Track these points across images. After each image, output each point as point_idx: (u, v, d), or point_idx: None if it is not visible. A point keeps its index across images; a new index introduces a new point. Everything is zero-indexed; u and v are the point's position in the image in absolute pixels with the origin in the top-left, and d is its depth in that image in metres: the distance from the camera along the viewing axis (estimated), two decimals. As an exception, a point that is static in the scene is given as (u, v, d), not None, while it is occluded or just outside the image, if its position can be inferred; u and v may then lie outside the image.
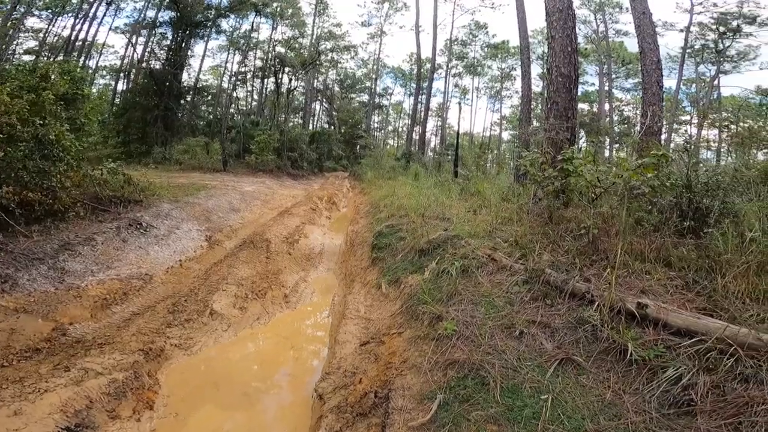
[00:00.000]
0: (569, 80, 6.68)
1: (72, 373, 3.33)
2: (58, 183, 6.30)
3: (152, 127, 18.73)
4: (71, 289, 4.65)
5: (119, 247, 6.12)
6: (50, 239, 5.57)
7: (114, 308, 4.64)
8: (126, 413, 3.17)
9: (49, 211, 6.13)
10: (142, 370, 3.58)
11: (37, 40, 25.04)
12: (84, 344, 3.82)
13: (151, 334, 4.22)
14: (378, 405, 3.13)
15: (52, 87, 6.82)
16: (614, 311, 3.00)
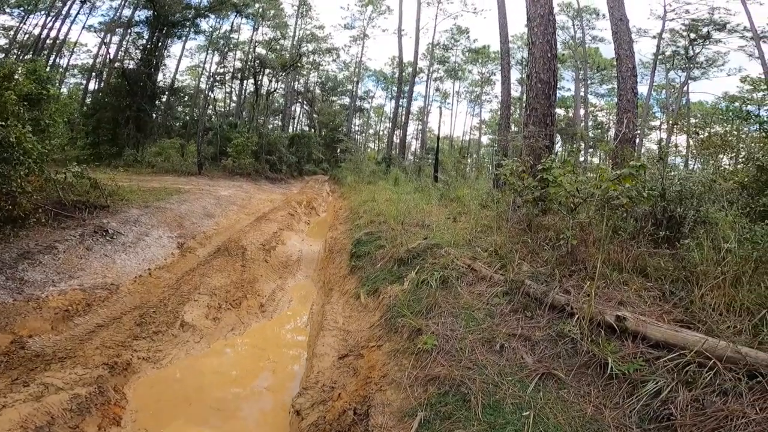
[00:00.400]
0: (548, 86, 6.80)
1: (31, 388, 3.16)
2: (18, 188, 5.95)
3: (124, 128, 18.12)
4: (30, 300, 4.39)
5: (83, 256, 5.82)
6: (9, 247, 5.25)
7: (77, 320, 4.40)
8: (91, 429, 3.00)
9: (8, 217, 5.79)
10: (107, 385, 3.40)
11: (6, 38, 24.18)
12: (44, 358, 3.63)
13: (116, 347, 4.02)
14: (357, 422, 3.05)
15: (15, 87, 6.54)
16: (594, 324, 3.02)
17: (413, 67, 29.45)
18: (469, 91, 45.71)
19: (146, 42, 20.83)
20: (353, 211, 12.04)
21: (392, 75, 42.94)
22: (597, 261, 3.41)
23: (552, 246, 4.49)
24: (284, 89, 34.30)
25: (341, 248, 8.54)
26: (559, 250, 4.21)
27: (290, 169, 25.20)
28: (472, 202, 8.91)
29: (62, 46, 24.79)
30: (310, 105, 39.59)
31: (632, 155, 6.65)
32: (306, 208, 15.15)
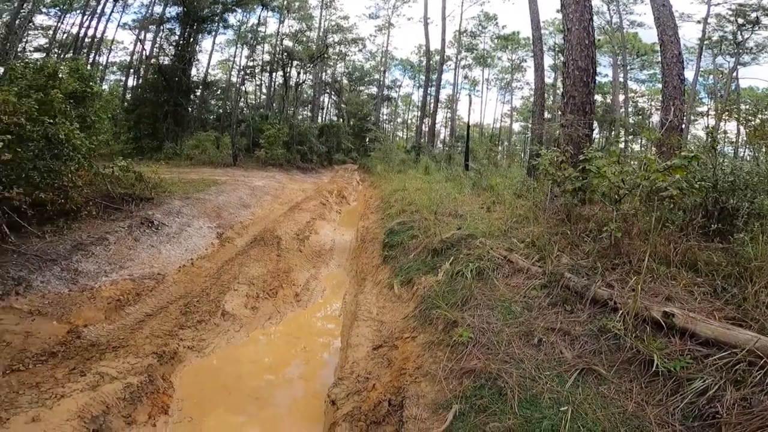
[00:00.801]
0: (587, 74, 6.59)
1: (88, 377, 3.40)
2: (70, 182, 6.41)
3: (162, 122, 18.90)
4: (85, 291, 4.77)
5: (131, 246, 6.25)
6: (63, 239, 5.70)
7: (127, 309, 4.75)
8: (142, 418, 3.24)
9: (61, 210, 6.26)
10: (156, 374, 3.66)
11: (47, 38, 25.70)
12: (99, 347, 3.91)
13: (164, 336, 4.31)
14: (392, 413, 3.15)
15: (60, 85, 6.93)
16: (639, 319, 2.95)
17: (440, 55, 29.15)
18: (499, 78, 44.95)
19: (178, 38, 21.51)
20: (384, 200, 12.12)
21: (419, 63, 43.03)
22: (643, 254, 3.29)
23: (593, 238, 4.36)
24: (312, 80, 34.77)
25: (373, 237, 8.66)
26: (602, 243, 4.09)
27: (320, 158, 25.58)
28: (506, 191, 8.75)
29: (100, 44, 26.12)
30: (338, 95, 40.02)
31: (680, 144, 6.30)
32: (337, 197, 15.40)
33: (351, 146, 31.93)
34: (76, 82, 7.77)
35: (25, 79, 7.12)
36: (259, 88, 36.54)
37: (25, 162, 5.81)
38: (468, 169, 15.12)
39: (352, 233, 10.48)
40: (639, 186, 3.85)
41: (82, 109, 7.88)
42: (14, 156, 5.49)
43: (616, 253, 3.89)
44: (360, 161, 29.79)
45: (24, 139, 5.88)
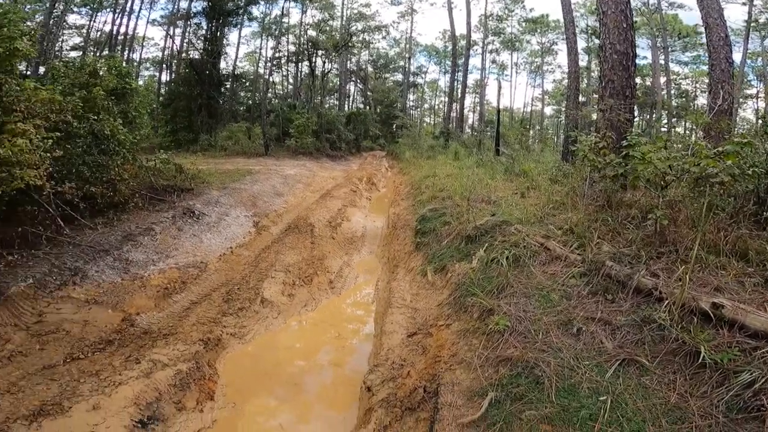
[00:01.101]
0: (626, 57, 6.38)
1: (142, 365, 3.68)
2: (117, 176, 6.86)
3: (197, 115, 19.73)
4: (136, 279, 5.14)
5: (176, 236, 6.63)
6: (113, 230, 6.13)
7: (174, 297, 5.08)
8: (190, 404, 3.49)
9: (110, 203, 6.72)
10: (202, 361, 3.92)
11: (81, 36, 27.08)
12: (151, 335, 4.22)
13: (209, 324, 4.60)
14: (427, 400, 3.24)
15: (101, 83, 7.25)
16: (686, 310, 2.87)
17: (466, 40, 28.78)
18: (529, 62, 43.73)
19: (206, 32, 22.22)
20: (414, 186, 12.12)
21: (444, 49, 42.58)
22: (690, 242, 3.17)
23: (636, 225, 4.21)
24: (338, 69, 35.16)
25: (404, 224, 8.72)
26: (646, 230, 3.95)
27: (348, 146, 26.01)
28: (541, 176, 8.55)
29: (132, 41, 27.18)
30: (364, 83, 40.39)
31: (729, 128, 5.92)
32: (366, 184, 15.54)
33: (378, 133, 32.22)
34: (115, 79, 8.09)
35: (67, 77, 7.47)
36: (286, 78, 37.29)
37: (75, 158, 6.24)
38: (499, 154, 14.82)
39: (382, 220, 10.59)
40: (687, 172, 3.67)
41: (123, 105, 8.22)
42: (65, 152, 5.88)
43: (661, 241, 3.76)
44: (388, 148, 30.01)
45: (72, 135, 6.27)
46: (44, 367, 3.57)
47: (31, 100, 5.46)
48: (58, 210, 5.71)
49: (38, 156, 5.08)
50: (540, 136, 35.25)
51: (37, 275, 4.55)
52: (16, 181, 4.84)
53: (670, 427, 2.21)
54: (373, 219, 10.82)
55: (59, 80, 7.48)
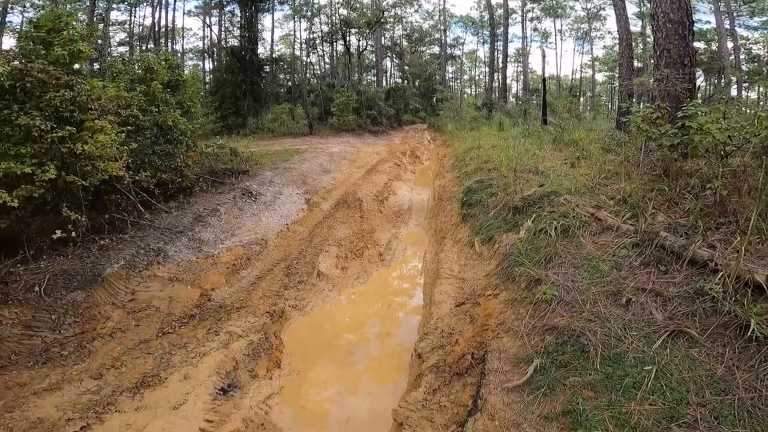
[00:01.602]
0: (681, 26, 5.87)
1: (221, 336, 4.12)
2: (183, 163, 7.51)
3: (243, 100, 20.44)
4: (208, 257, 5.73)
5: (238, 216, 7.21)
6: (185, 213, 6.79)
7: (242, 273, 5.63)
8: (262, 372, 3.89)
9: (179, 188, 7.42)
10: (270, 332, 4.35)
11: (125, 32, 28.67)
12: (225, 309, 4.71)
13: (273, 297, 5.07)
14: (474, 366, 3.45)
15: (158, 76, 7.73)
16: (741, 282, 2.80)
17: (504, 8, 27.29)
18: (574, 29, 40.38)
19: (240, 19, 22.66)
20: (458, 158, 11.98)
21: (481, 19, 40.86)
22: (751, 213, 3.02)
23: (695, 195, 4.01)
24: (373, 46, 34.78)
25: (450, 196, 8.77)
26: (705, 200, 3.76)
27: (390, 120, 26.12)
28: (592, 145, 8.13)
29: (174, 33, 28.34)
30: (400, 58, 39.84)
31: None
32: (410, 157, 15.54)
33: (419, 107, 31.98)
34: (168, 72, 8.45)
35: (127, 74, 8.03)
36: (322, 58, 37.54)
37: (146, 148, 6.87)
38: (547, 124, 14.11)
39: (428, 192, 10.67)
40: (748, 141, 3.41)
41: (178, 96, 8.72)
42: (138, 144, 6.51)
43: (721, 211, 3.58)
44: (429, 120, 29.64)
45: (140, 128, 6.87)
46: (140, 341, 4.05)
47: (101, 98, 6.02)
48: (137, 197, 6.42)
49: (117, 149, 5.71)
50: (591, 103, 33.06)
51: (127, 257, 5.14)
52: (100, 174, 5.49)
53: (713, 398, 2.24)
54: (418, 192, 10.94)
55: (119, 76, 8.05)
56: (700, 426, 2.08)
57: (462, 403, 3.25)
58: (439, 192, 9.71)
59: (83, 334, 4.06)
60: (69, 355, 3.83)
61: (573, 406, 2.51)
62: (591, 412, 2.40)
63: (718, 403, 2.21)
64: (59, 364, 3.73)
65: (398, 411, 3.40)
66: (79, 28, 6.57)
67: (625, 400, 2.38)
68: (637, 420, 2.20)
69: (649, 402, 2.30)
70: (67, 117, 5.34)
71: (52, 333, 3.98)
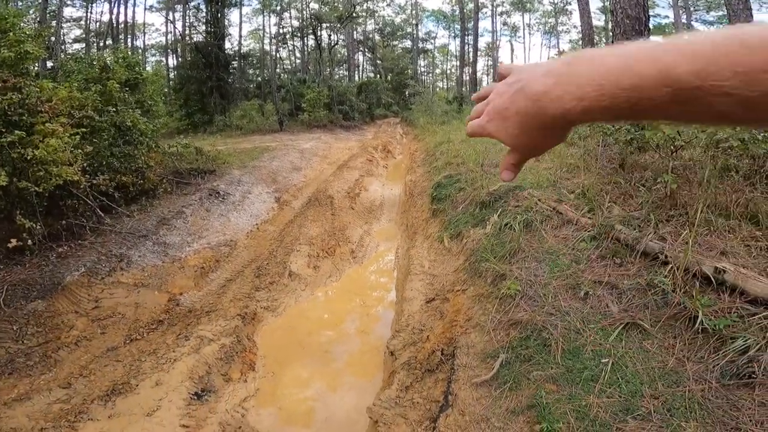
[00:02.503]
0: (638, 22, 6.09)
1: (191, 341, 4.03)
2: (144, 164, 7.14)
3: (209, 97, 19.79)
4: (175, 261, 5.51)
5: (205, 217, 6.96)
6: (148, 216, 6.49)
7: (211, 276, 5.45)
8: (236, 375, 3.83)
9: (141, 190, 7.07)
10: (242, 334, 4.26)
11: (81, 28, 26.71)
12: (195, 313, 4.58)
13: (244, 299, 4.95)
14: (444, 362, 3.49)
15: (114, 75, 7.32)
16: (689, 274, 2.91)
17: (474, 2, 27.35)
18: (542, 23, 41.48)
19: (206, 14, 21.77)
20: (429, 153, 12.02)
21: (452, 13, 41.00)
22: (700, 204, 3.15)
23: (648, 188, 4.16)
24: (344, 40, 34.13)
25: (421, 191, 8.79)
26: (657, 193, 3.91)
27: (362, 115, 25.79)
28: (557, 139, 8.30)
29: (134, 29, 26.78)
30: (372, 52, 39.47)
31: None
32: (382, 152, 15.47)
33: (391, 101, 31.84)
34: (126, 70, 8.04)
35: (80, 73, 7.57)
36: (293, 53, 36.63)
37: (103, 150, 6.49)
38: (515, 117, 14.37)
39: (400, 188, 10.66)
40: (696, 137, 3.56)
41: (138, 94, 8.27)
42: (93, 146, 6.14)
43: (672, 204, 3.73)
44: (401, 114, 29.59)
45: (96, 129, 6.47)
46: (108, 349, 3.95)
47: (52, 99, 5.66)
48: (96, 201, 6.07)
49: (71, 153, 5.36)
50: None
51: (88, 264, 4.91)
52: (54, 179, 5.16)
53: (665, 390, 2.32)
54: (390, 187, 10.91)
55: (72, 76, 7.59)
56: (653, 418, 2.14)
57: (434, 399, 3.28)
58: (410, 187, 9.70)
59: (47, 344, 3.94)
60: (35, 365, 3.72)
61: (537, 399, 2.57)
62: (553, 406, 2.47)
63: (670, 395, 2.28)
64: (26, 374, 3.62)
65: (372, 409, 3.40)
66: (27, 29, 6.13)
67: (585, 393, 2.45)
68: (596, 413, 2.27)
69: (606, 395, 2.37)
70: (16, 121, 4.98)
71: (15, 343, 3.84)
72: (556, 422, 2.30)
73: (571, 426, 2.23)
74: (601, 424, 2.20)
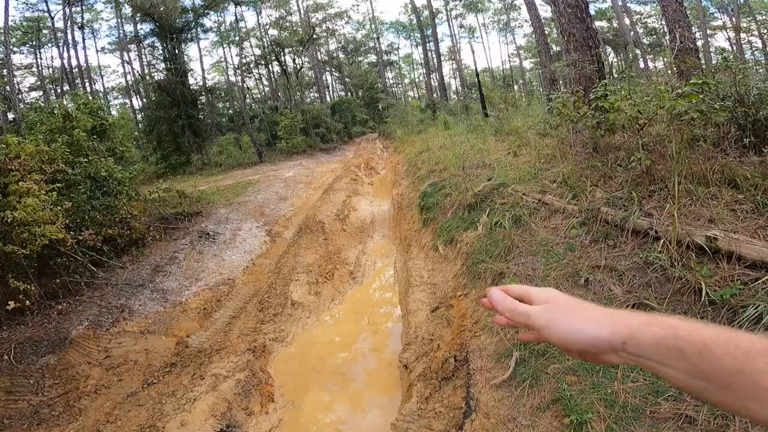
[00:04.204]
0: (579, 9, 6.23)
1: (207, 380, 3.92)
2: (127, 214, 6.87)
3: (182, 137, 18.93)
4: (176, 306, 5.34)
5: (198, 259, 6.78)
6: (142, 266, 6.29)
7: (214, 315, 5.27)
8: (256, 408, 3.71)
9: (130, 241, 6.83)
10: (255, 367, 4.13)
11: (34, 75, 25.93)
12: (205, 352, 4.45)
13: (251, 333, 4.80)
14: (459, 368, 3.41)
15: (78, 123, 6.95)
16: (683, 246, 2.91)
17: (429, 9, 27.99)
18: (496, 21, 42.38)
19: (163, 52, 20.70)
20: (411, 163, 12.08)
21: (410, 23, 41.48)
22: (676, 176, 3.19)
23: (625, 167, 4.23)
24: (309, 63, 33.98)
25: (409, 203, 8.78)
26: (634, 171, 3.97)
27: (339, 135, 25.46)
28: (530, 132, 8.45)
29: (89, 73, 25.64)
30: (339, 71, 39.45)
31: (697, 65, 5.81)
32: (365, 169, 15.48)
33: (366, 117, 31.67)
34: (90, 117, 7.57)
35: (43, 124, 7.13)
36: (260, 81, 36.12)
37: (83, 204, 6.21)
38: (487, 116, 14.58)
39: (388, 202, 10.64)
40: (657, 114, 3.65)
41: (108, 142, 7.90)
42: (72, 201, 5.88)
43: (650, 179, 3.78)
44: (378, 128, 29.60)
45: (72, 183, 6.21)
46: (128, 395, 3.87)
47: (20, 155, 5.37)
48: (86, 257, 5.85)
49: (50, 211, 5.13)
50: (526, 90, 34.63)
51: (90, 317, 4.84)
52: (39, 239, 4.95)
53: None
54: (378, 203, 10.87)
55: (35, 128, 7.15)
56: (687, 397, 2.06)
57: (456, 406, 3.19)
58: (398, 200, 9.69)
59: (67, 394, 3.86)
60: (60, 414, 3.66)
61: (560, 393, 2.50)
62: (578, 397, 2.40)
63: None
64: (54, 424, 3.55)
65: (397, 424, 3.28)
66: None
67: (608, 380, 2.40)
68: (625, 398, 2.21)
69: (631, 380, 2.31)
70: None
71: (35, 396, 3.78)
72: (584, 413, 2.23)
73: (601, 415, 2.16)
74: (633, 409, 2.13)
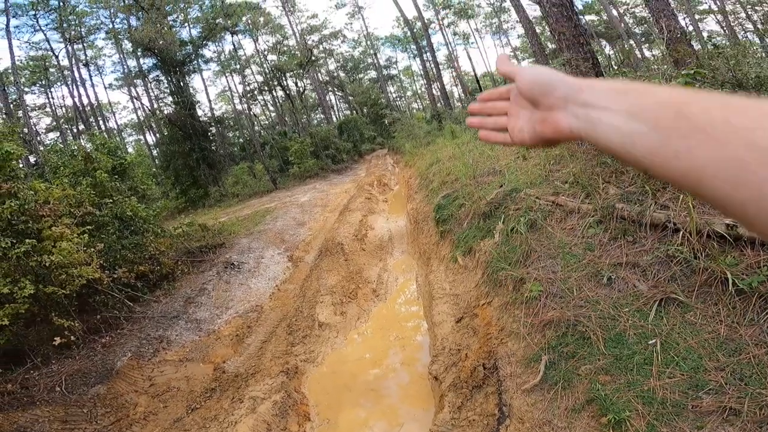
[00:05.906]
0: (564, 8, 6.13)
1: (245, 403, 4.03)
2: (156, 250, 7.09)
3: (198, 170, 18.94)
4: (210, 334, 5.50)
5: (226, 289, 6.92)
6: (174, 299, 6.46)
7: (247, 341, 5.38)
8: (294, 428, 3.77)
9: (161, 276, 7.04)
10: (290, 388, 4.20)
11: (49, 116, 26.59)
12: (241, 377, 4.58)
13: (283, 356, 4.87)
14: (489, 376, 3.35)
15: (100, 164, 7.11)
16: (703, 236, 2.84)
17: (421, 21, 28.10)
18: (488, 25, 42.49)
19: (168, 85, 20.72)
20: (422, 177, 12.11)
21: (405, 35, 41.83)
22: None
23: (635, 161, 4.16)
24: (311, 85, 34.30)
25: (425, 216, 8.77)
26: (644, 165, 3.90)
27: (349, 155, 25.40)
28: (536, 132, 8.38)
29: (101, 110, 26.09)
30: (341, 90, 39.65)
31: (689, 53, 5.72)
32: (378, 187, 15.59)
33: (373, 134, 31.45)
34: (109, 157, 7.62)
35: (66, 167, 7.26)
36: (266, 107, 36.54)
37: (113, 244, 6.43)
38: (493, 121, 14.53)
39: (404, 218, 10.66)
40: None
41: (129, 181, 8.03)
42: (103, 242, 6.06)
43: (663, 172, 3.72)
44: (387, 144, 29.53)
45: (100, 225, 6.40)
46: (175, 420, 4.01)
47: (50, 200, 5.49)
48: (122, 293, 6.07)
49: (84, 252, 5.28)
50: None
51: (132, 349, 5.06)
52: (77, 280, 5.14)
53: (728, 360, 2.14)
54: (395, 219, 10.91)
55: (59, 171, 7.25)
56: (728, 390, 1.98)
57: (489, 414, 3.13)
58: (413, 215, 9.70)
59: (119, 422, 4.03)
60: None
61: (594, 393, 2.44)
62: (614, 396, 2.33)
63: (736, 364, 2.11)
64: None
65: (432, 435, 3.23)
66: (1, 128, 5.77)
67: (643, 377, 2.32)
68: (663, 395, 2.13)
69: (667, 375, 2.23)
70: (22, 229, 4.99)
71: (90, 424, 3.94)
72: (622, 412, 2.17)
73: (639, 412, 2.10)
74: (673, 404, 2.05)
